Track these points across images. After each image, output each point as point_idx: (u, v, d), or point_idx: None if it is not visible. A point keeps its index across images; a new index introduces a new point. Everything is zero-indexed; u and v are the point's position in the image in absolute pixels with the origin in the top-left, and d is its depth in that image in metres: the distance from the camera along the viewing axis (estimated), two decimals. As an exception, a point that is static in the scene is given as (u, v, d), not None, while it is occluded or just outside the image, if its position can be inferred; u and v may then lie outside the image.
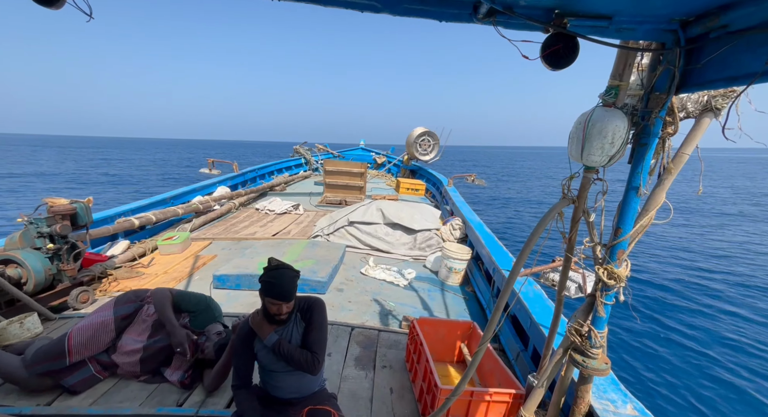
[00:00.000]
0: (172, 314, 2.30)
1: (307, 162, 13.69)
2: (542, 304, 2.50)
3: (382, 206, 5.58)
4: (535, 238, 1.51)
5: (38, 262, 2.93)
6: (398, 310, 3.51)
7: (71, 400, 2.07)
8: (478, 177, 8.37)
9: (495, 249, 3.81)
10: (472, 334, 2.61)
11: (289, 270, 1.70)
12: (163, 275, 4.00)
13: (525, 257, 1.52)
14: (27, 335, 2.59)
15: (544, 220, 1.52)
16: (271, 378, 1.86)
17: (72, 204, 3.27)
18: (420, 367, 2.27)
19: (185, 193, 6.77)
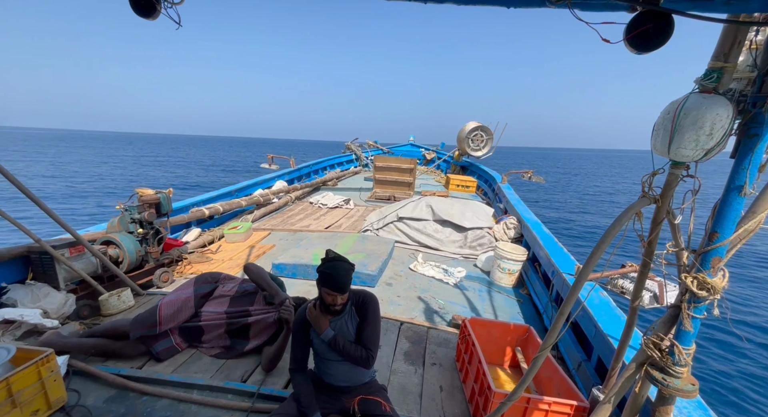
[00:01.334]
0: (271, 280, 2.64)
1: (358, 158, 13.99)
2: (609, 313, 2.29)
3: (431, 202, 5.52)
4: (608, 239, 1.38)
5: (132, 245, 3.37)
6: (447, 309, 3.45)
7: (157, 366, 2.36)
8: (536, 174, 7.88)
9: (554, 250, 3.57)
10: (528, 338, 2.48)
11: (345, 263, 1.74)
12: (229, 261, 4.37)
13: (596, 260, 1.41)
14: (122, 307, 3.01)
15: (620, 220, 1.38)
16: (324, 365, 1.93)
17: (157, 194, 3.69)
18: (471, 368, 2.21)
19: (248, 187, 7.30)
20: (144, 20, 1.50)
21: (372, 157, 14.07)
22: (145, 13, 1.46)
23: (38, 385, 1.87)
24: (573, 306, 1.40)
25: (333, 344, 1.77)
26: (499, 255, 4.05)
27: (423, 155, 14.55)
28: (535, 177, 7.78)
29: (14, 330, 2.36)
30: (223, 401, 2.08)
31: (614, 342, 1.97)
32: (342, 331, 1.83)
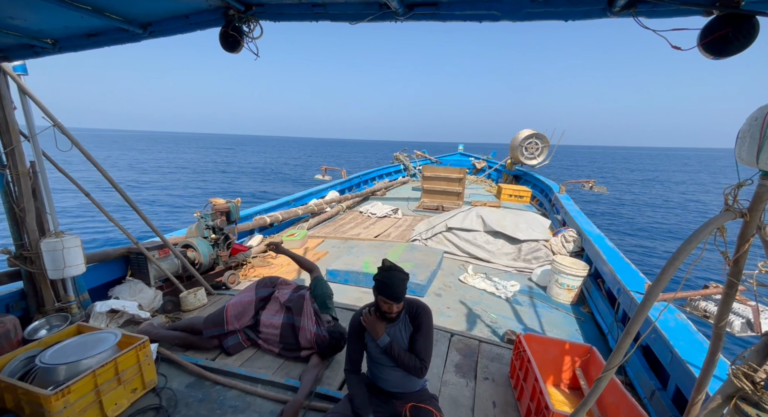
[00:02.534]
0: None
1: (406, 168, 14.13)
2: (688, 338, 2.07)
3: (482, 213, 5.40)
4: (682, 256, 1.28)
5: (206, 249, 3.78)
6: (500, 323, 3.34)
7: (227, 359, 2.62)
8: (598, 183, 7.32)
9: (620, 266, 3.29)
10: (590, 359, 2.32)
11: (401, 273, 1.80)
12: (287, 266, 4.67)
13: (669, 276, 1.30)
14: (198, 304, 3.37)
15: (697, 235, 1.28)
16: (377, 369, 1.99)
17: (227, 203, 4.11)
18: (527, 386, 2.13)
19: (303, 197, 7.76)
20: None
21: (420, 167, 14.13)
22: (232, 49, 1.70)
23: (136, 367, 2.17)
24: (642, 326, 1.31)
25: (388, 351, 1.83)
26: (557, 269, 3.83)
27: (473, 164, 14.27)
28: (598, 187, 7.21)
29: (118, 318, 2.77)
30: (284, 397, 2.24)
31: (695, 370, 1.78)
32: (396, 339, 1.88)
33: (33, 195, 2.45)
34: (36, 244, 2.43)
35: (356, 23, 1.64)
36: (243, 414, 2.11)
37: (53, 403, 1.73)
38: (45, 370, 1.91)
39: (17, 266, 2.49)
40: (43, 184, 2.54)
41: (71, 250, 2.49)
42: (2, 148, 2.30)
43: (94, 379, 1.94)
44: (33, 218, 2.44)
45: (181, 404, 2.18)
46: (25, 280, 2.57)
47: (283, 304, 2.76)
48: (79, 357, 1.99)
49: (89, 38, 1.93)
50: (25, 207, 2.38)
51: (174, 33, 1.86)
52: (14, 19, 1.65)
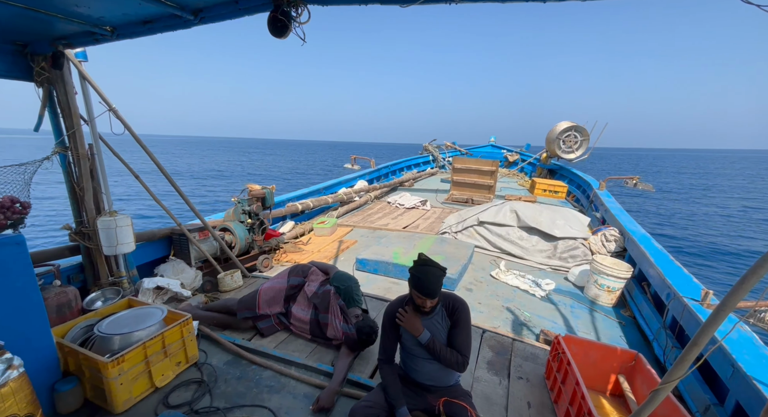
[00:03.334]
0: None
1: (435, 159, 13.91)
2: (755, 353, 1.89)
3: (516, 208, 5.22)
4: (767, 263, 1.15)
5: (243, 233, 3.90)
6: (534, 322, 3.24)
7: (262, 340, 2.71)
8: (643, 181, 6.85)
9: (670, 270, 3.08)
10: (635, 367, 2.20)
11: (437, 269, 1.75)
12: (317, 253, 4.76)
13: (749, 288, 1.18)
14: (234, 286, 3.50)
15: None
16: (412, 361, 1.97)
17: (263, 189, 4.21)
18: (566, 389, 2.05)
19: (333, 185, 7.84)
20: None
21: (449, 158, 13.85)
22: (280, 34, 1.69)
23: (181, 342, 2.29)
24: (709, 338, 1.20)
25: (430, 346, 1.80)
26: (596, 270, 3.64)
27: (505, 157, 13.81)
28: (643, 184, 6.75)
29: (162, 295, 2.94)
30: (317, 381, 2.29)
31: (763, 388, 1.63)
32: (433, 332, 1.85)
33: (90, 175, 2.62)
34: (93, 222, 2.61)
35: (407, 6, 1.58)
36: (278, 394, 2.18)
37: (110, 370, 1.86)
38: (102, 338, 2.05)
39: (77, 241, 2.69)
40: (99, 165, 2.70)
41: (123, 228, 2.64)
42: (65, 131, 2.46)
43: (144, 351, 2.06)
44: (91, 197, 2.61)
45: (221, 380, 2.28)
46: (83, 255, 2.77)
47: (310, 299, 2.79)
48: (131, 329, 2.12)
49: (144, 25, 1.99)
50: (84, 186, 2.55)
51: (223, 19, 1.87)
52: (78, 7, 1.72)
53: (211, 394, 2.15)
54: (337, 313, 2.67)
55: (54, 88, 2.40)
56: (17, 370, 1.57)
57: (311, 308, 2.77)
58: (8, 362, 1.56)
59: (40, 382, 1.80)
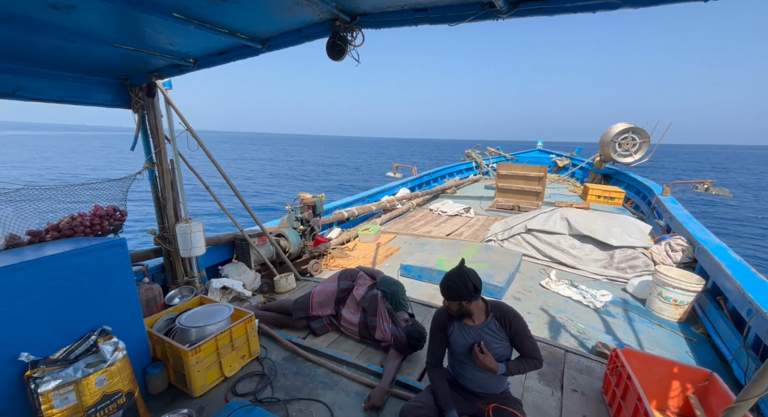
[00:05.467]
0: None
1: (478, 166, 13.66)
2: None
3: (568, 215, 4.99)
4: None
5: (295, 238, 4.18)
6: (588, 334, 3.09)
7: (315, 339, 2.89)
8: (717, 185, 6.18)
9: (751, 283, 2.78)
10: (709, 387, 2.03)
11: (455, 275, 1.76)
12: (362, 259, 4.92)
13: None
14: (288, 288, 3.75)
15: None
16: (460, 368, 1.99)
17: (313, 198, 4.48)
18: (627, 405, 1.95)
19: (376, 193, 8.05)
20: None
21: (493, 164, 13.53)
22: (337, 57, 1.86)
23: (245, 337, 2.53)
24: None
25: (510, 374, 1.82)
26: (660, 281, 3.38)
27: (554, 162, 13.18)
28: (717, 189, 6.07)
29: (228, 294, 3.25)
30: (367, 380, 2.39)
31: None
32: (486, 341, 1.84)
33: (171, 187, 3.01)
34: (173, 228, 2.99)
35: (455, 25, 1.67)
36: (332, 390, 2.31)
37: (190, 358, 2.11)
38: (182, 330, 2.34)
39: (160, 245, 3.09)
40: (178, 178, 3.10)
41: (196, 234, 2.99)
42: (153, 149, 2.87)
43: (216, 343, 2.31)
44: (171, 206, 3.01)
45: (280, 374, 2.47)
46: (164, 257, 3.17)
47: (359, 303, 2.91)
48: (205, 323, 2.39)
49: (220, 55, 2.30)
50: (166, 196, 2.94)
51: (287, 46, 2.11)
52: (173, 46, 2.05)
53: (272, 386, 2.34)
54: (385, 316, 2.76)
55: (146, 113, 2.83)
56: (122, 353, 1.86)
57: (360, 311, 2.90)
58: (115, 345, 1.86)
59: (136, 364, 2.10)
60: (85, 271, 1.89)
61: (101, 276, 1.96)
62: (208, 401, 2.18)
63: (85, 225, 2.37)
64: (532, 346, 1.82)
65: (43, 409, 1.56)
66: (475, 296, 1.77)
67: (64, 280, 1.81)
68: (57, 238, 2.28)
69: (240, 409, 1.97)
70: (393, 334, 2.67)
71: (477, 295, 1.77)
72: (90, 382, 1.69)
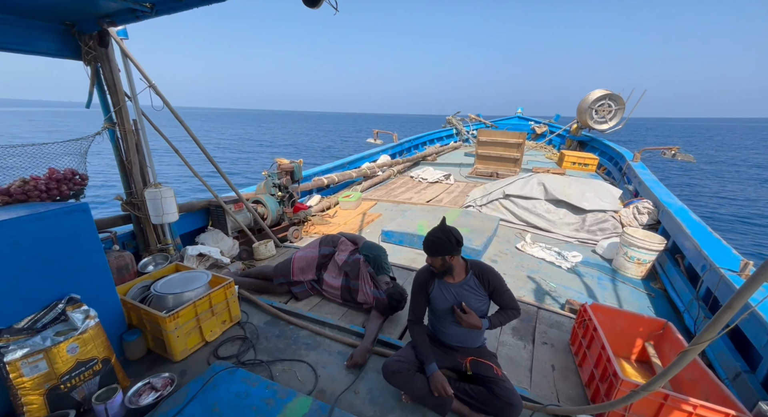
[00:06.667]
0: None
1: (458, 132, 13.58)
2: (792, 321, 1.86)
3: (544, 180, 5.11)
4: None
5: (274, 205, 4.07)
6: (560, 292, 3.27)
7: (297, 303, 2.91)
8: (683, 151, 6.45)
9: (707, 241, 2.98)
10: (664, 335, 2.21)
11: (438, 231, 1.83)
12: (344, 225, 4.90)
13: None
14: (268, 254, 3.71)
15: None
16: (440, 324, 2.07)
17: (291, 163, 4.33)
18: (591, 353, 2.11)
19: (357, 160, 7.89)
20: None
21: (474, 131, 13.48)
22: (313, 4, 1.70)
23: (225, 303, 2.50)
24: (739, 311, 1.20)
25: (493, 327, 1.93)
26: (627, 242, 3.58)
27: (532, 129, 13.27)
28: (682, 155, 6.36)
29: (205, 261, 3.17)
30: (350, 340, 2.45)
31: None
32: (466, 298, 1.92)
33: (136, 149, 2.80)
34: (141, 193, 2.82)
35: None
36: (315, 351, 2.36)
37: (168, 324, 2.08)
38: (158, 297, 2.28)
39: (128, 211, 2.92)
40: (144, 140, 2.87)
41: (167, 199, 2.84)
42: (112, 107, 2.62)
43: (195, 309, 2.27)
44: (138, 170, 2.81)
45: (262, 337, 2.49)
46: (134, 224, 3.02)
47: (341, 267, 2.92)
48: (182, 289, 2.33)
49: (181, 0, 2.04)
50: (132, 160, 2.74)
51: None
52: (120, -17, 1.78)
53: (254, 348, 2.37)
54: (367, 279, 2.80)
55: (100, 66, 2.54)
56: (94, 320, 1.80)
57: (342, 275, 2.92)
58: (86, 313, 1.79)
59: (111, 332, 2.05)
60: (45, 237, 1.76)
61: (63, 243, 1.84)
62: (189, 365, 2.19)
63: (40, 189, 2.18)
64: (509, 298, 1.93)
65: (11, 377, 1.51)
66: (457, 250, 1.84)
67: (20, 247, 1.68)
68: (8, 203, 2.09)
69: (223, 371, 1.98)
70: (375, 296, 2.72)
71: (459, 248, 1.85)
72: (61, 350, 1.63)
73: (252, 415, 1.70)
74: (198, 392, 1.82)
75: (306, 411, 1.74)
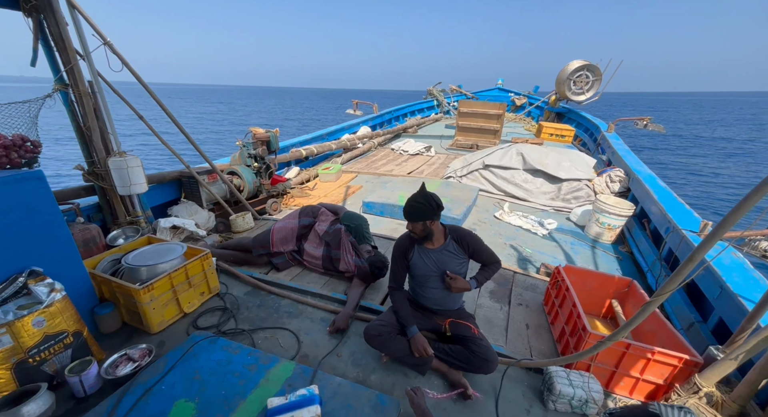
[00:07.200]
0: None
1: (439, 104, 13.39)
2: (744, 275, 2.02)
3: (523, 150, 5.16)
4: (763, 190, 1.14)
5: (250, 176, 3.93)
6: (535, 257, 3.40)
7: (278, 274, 2.88)
8: (654, 122, 6.64)
9: (672, 206, 3.14)
10: (629, 292, 2.35)
11: (418, 196, 1.84)
12: (324, 198, 4.83)
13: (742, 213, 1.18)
14: (246, 227, 3.62)
15: None
16: (420, 288, 2.11)
17: (267, 133, 4.15)
18: (563, 311, 2.22)
19: (336, 131, 7.68)
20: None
21: (455, 103, 13.32)
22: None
23: (202, 274, 2.44)
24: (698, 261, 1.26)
25: (480, 285, 2.00)
26: (599, 209, 3.72)
27: (512, 100, 13.25)
28: (653, 125, 6.55)
29: (179, 234, 3.06)
30: (332, 307, 2.47)
31: (748, 304, 1.76)
32: (446, 262, 1.96)
33: (95, 114, 2.57)
34: (104, 162, 2.63)
35: None
36: (297, 318, 2.37)
37: (142, 296, 2.01)
38: (130, 269, 2.19)
39: (91, 182, 2.73)
40: (102, 104, 2.64)
41: (134, 169, 2.67)
42: (62, 66, 2.36)
43: (170, 281, 2.21)
44: (99, 137, 2.60)
45: (243, 307, 2.47)
46: (99, 195, 2.84)
47: (321, 237, 2.90)
48: (155, 261, 2.25)
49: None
50: (90, 126, 2.52)
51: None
52: None
53: (235, 318, 2.35)
54: (349, 249, 2.80)
55: (44, 18, 2.25)
56: (60, 293, 1.71)
57: (323, 245, 2.90)
58: (51, 286, 1.70)
59: (81, 306, 1.96)
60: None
61: (17, 213, 1.70)
62: (168, 336, 2.15)
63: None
64: (489, 254, 1.99)
65: (-27, 353, 1.43)
66: (437, 215, 1.85)
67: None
68: (-50, 173, 1.90)
69: (203, 340, 1.97)
70: (356, 264, 2.73)
71: (439, 213, 1.86)
72: (25, 323, 1.56)
73: (234, 381, 1.71)
74: (178, 361, 1.81)
75: (289, 375, 1.77)
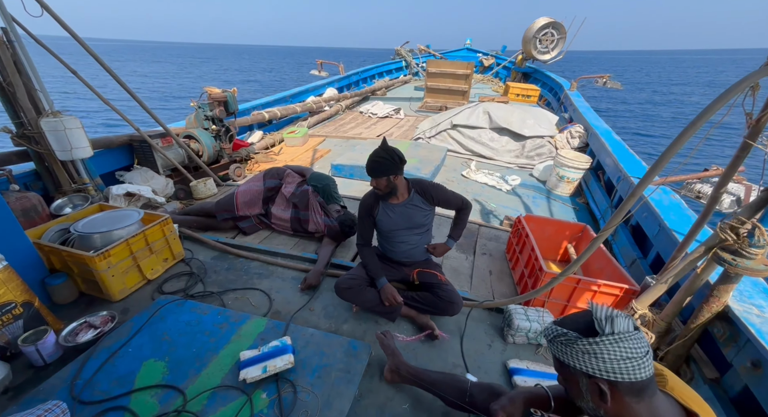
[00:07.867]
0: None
1: (408, 65, 12.98)
2: (680, 214, 2.22)
3: (489, 109, 5.18)
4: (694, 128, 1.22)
5: (209, 140, 3.70)
6: (499, 211, 3.54)
7: (246, 238, 2.83)
8: (613, 79, 6.85)
9: (624, 157, 3.33)
10: (582, 236, 2.54)
11: (380, 151, 1.81)
12: (291, 162, 4.68)
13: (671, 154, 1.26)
14: (208, 193, 3.47)
15: (725, 96, 1.21)
16: (388, 243, 2.15)
17: (223, 92, 3.86)
18: (523, 257, 2.37)
19: (301, 93, 7.30)
20: None
21: (423, 64, 12.96)
22: None
23: (164, 240, 2.35)
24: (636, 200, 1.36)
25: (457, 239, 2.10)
26: (559, 163, 3.88)
27: (480, 61, 13.08)
28: (612, 83, 6.78)
29: (135, 201, 2.89)
30: (303, 266, 2.49)
31: (680, 237, 1.96)
32: (410, 216, 1.99)
33: (16, 69, 2.25)
34: (36, 123, 2.35)
35: None
36: (268, 279, 2.37)
37: (98, 263, 1.91)
38: (82, 237, 2.06)
39: (23, 145, 2.46)
40: (24, 56, 2.30)
41: (73, 131, 2.42)
42: (-39, 7, 2.01)
43: (129, 247, 2.10)
44: (24, 95, 2.30)
45: (210, 271, 2.42)
46: (35, 161, 2.57)
47: (289, 199, 2.84)
48: (109, 228, 2.12)
49: None
50: (13, 81, 2.21)
51: None
52: None
53: (203, 282, 2.30)
54: (317, 209, 2.77)
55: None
56: (1, 263, 1.59)
57: (291, 207, 2.85)
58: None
59: (29, 277, 1.84)
60: None
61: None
62: (131, 303, 2.09)
63: None
64: (455, 199, 2.03)
65: None
66: (401, 169, 1.86)
67: None
68: None
69: (170, 304, 1.93)
70: (326, 224, 2.72)
71: (402, 167, 1.86)
72: (-35, 294, 1.45)
73: (205, 339, 1.71)
74: (144, 324, 1.78)
75: (261, 330, 1.79)
